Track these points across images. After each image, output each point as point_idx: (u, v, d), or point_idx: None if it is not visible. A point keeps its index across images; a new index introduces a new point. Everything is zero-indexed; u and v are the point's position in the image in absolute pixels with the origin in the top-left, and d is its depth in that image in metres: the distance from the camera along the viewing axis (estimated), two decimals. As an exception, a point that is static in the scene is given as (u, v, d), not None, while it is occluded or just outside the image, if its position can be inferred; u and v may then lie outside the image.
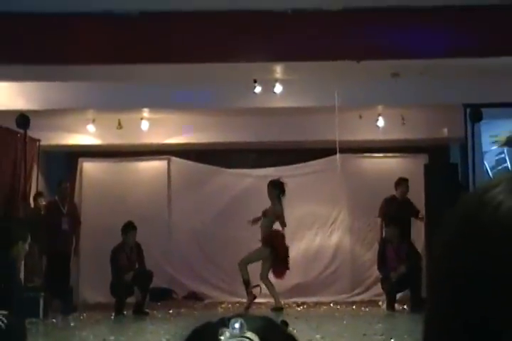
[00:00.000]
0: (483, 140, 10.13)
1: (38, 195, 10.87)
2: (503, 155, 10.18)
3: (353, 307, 10.31)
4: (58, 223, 10.32)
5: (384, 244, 10.22)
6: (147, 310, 9.91)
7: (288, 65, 8.86)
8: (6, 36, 8.11)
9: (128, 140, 11.36)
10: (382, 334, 7.52)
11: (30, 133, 10.00)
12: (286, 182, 9.99)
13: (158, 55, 8.22)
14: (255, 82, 9.54)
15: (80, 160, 11.77)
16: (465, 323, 0.68)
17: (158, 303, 10.58)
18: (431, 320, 0.73)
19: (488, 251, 0.67)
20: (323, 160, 11.30)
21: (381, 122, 11.04)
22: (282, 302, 9.94)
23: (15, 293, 5.21)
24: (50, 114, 10.53)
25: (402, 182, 10.49)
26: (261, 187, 10.15)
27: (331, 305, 10.53)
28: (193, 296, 11.17)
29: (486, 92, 9.61)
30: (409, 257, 9.94)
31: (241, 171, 11.65)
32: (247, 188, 11.21)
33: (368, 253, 11.11)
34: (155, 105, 10.44)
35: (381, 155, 11.68)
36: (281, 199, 9.90)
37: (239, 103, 10.15)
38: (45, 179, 11.77)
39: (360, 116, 10.92)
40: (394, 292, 9.98)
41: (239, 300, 10.47)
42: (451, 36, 8.15)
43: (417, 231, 10.48)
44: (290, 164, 11.43)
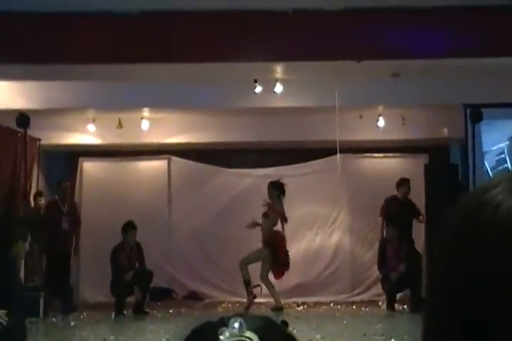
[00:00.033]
0: (484, 140, 10.13)
1: (37, 194, 10.87)
2: (503, 155, 10.18)
3: (353, 307, 10.31)
4: (58, 222, 10.33)
5: (384, 243, 10.22)
6: (147, 310, 9.92)
7: (288, 64, 8.85)
8: (6, 35, 8.10)
9: (128, 139, 11.35)
10: (382, 335, 7.52)
11: (31, 133, 10.00)
12: (287, 182, 10.00)
13: (159, 55, 8.22)
14: (256, 81, 9.54)
15: (80, 159, 11.77)
16: (464, 324, 0.68)
17: (158, 303, 10.58)
18: (430, 321, 0.73)
19: (486, 252, 0.67)
20: (324, 160, 11.29)
21: (381, 122, 11.03)
22: (282, 302, 9.94)
23: (15, 292, 5.20)
24: (51, 114, 10.53)
25: (403, 182, 10.48)
26: (261, 186, 10.15)
27: (331, 305, 10.53)
28: (193, 296, 11.17)
29: (486, 93, 9.60)
30: (409, 257, 9.94)
31: (241, 171, 11.64)
32: (247, 188, 11.20)
33: (368, 253, 11.11)
34: (155, 105, 10.43)
35: (381, 155, 11.67)
36: (281, 200, 9.90)
37: (239, 103, 10.15)
38: (45, 178, 11.77)
39: (360, 116, 10.91)
40: (394, 292, 9.98)
41: (239, 299, 10.47)
42: (452, 36, 8.15)
43: (417, 232, 10.47)
44: (290, 164, 11.43)
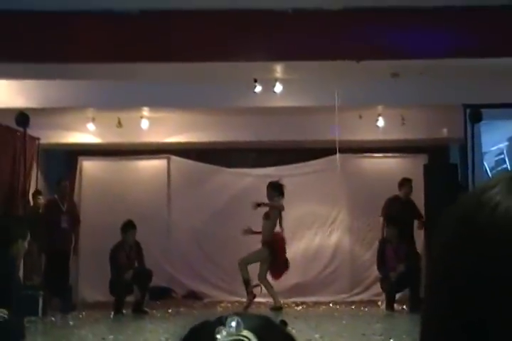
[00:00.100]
0: (483, 140, 10.13)
1: (36, 193, 10.86)
2: (502, 155, 10.18)
3: (352, 307, 10.31)
4: (58, 221, 10.32)
5: (383, 243, 10.22)
6: (146, 309, 9.91)
7: (288, 64, 8.85)
8: (6, 34, 8.10)
9: (128, 139, 11.35)
10: (381, 334, 7.52)
11: (30, 132, 10.00)
12: (286, 181, 10.00)
13: (159, 54, 8.22)
14: (255, 81, 9.54)
15: (80, 158, 11.77)
16: (462, 324, 0.68)
17: (158, 302, 10.58)
18: (428, 321, 0.73)
19: (485, 253, 0.67)
20: (323, 160, 11.29)
21: (381, 122, 11.04)
22: (281, 301, 9.93)
23: (14, 292, 5.20)
24: (50, 113, 10.52)
25: (405, 182, 10.46)
26: (261, 186, 10.14)
27: (330, 304, 10.53)
28: (193, 295, 11.17)
29: (486, 93, 9.60)
30: (408, 257, 9.94)
31: (241, 170, 11.64)
32: (247, 187, 11.19)
33: (368, 253, 11.11)
34: (155, 104, 10.43)
35: (381, 155, 11.67)
36: (280, 201, 9.89)
37: (239, 102, 10.15)
38: (44, 177, 11.76)
39: (360, 116, 10.91)
40: (393, 292, 9.98)
41: (238, 299, 10.47)
42: (452, 36, 8.15)
43: (416, 232, 10.47)
44: (290, 163, 11.43)
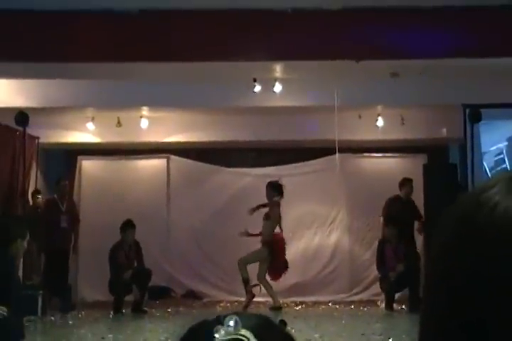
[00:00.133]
0: (482, 140, 10.14)
1: (35, 192, 10.86)
2: (502, 155, 10.19)
3: (352, 306, 10.31)
4: (57, 221, 10.32)
5: (383, 243, 10.22)
6: (146, 309, 9.91)
7: (288, 64, 8.85)
8: (6, 33, 8.10)
9: (127, 138, 11.35)
10: (381, 334, 7.52)
11: (29, 131, 10.00)
12: (286, 181, 9.99)
13: (158, 54, 8.22)
14: (255, 81, 9.54)
15: (79, 158, 11.77)
16: (461, 324, 0.68)
17: (157, 302, 10.58)
18: (427, 321, 0.73)
19: (484, 253, 0.67)
20: (323, 160, 11.29)
21: (380, 122, 11.04)
22: (281, 301, 9.93)
23: (13, 291, 5.21)
24: (50, 112, 10.52)
25: (406, 182, 10.45)
26: (260, 186, 10.14)
27: (330, 304, 10.53)
28: (192, 295, 11.17)
29: (485, 93, 9.61)
30: (408, 257, 9.93)
31: (240, 170, 11.64)
32: (246, 187, 11.20)
33: (367, 252, 11.11)
34: (154, 103, 10.43)
35: (380, 155, 11.68)
36: (279, 202, 9.89)
37: (238, 102, 10.15)
38: (43, 177, 11.76)
39: (359, 116, 10.92)
40: (392, 291, 9.98)
41: (237, 299, 10.47)
42: (451, 36, 8.15)
43: (416, 231, 10.46)
44: (289, 163, 11.42)
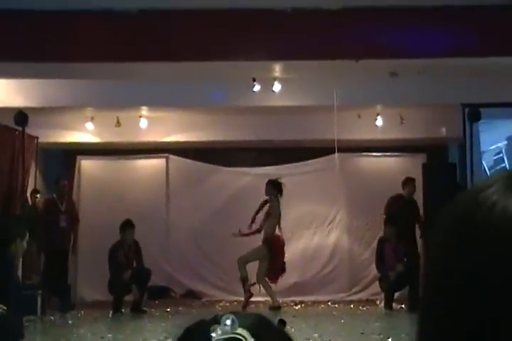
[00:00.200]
0: (482, 140, 10.14)
1: (34, 192, 10.86)
2: (501, 154, 10.20)
3: (351, 306, 10.31)
4: (56, 221, 10.32)
5: (382, 242, 10.21)
6: (145, 308, 9.91)
7: (287, 63, 8.85)
8: (5, 33, 8.10)
9: (126, 138, 11.35)
10: (380, 334, 7.53)
11: (29, 131, 10.00)
12: (285, 180, 9.99)
13: (158, 53, 8.22)
14: (254, 80, 9.54)
15: (78, 157, 11.76)
16: (460, 324, 0.68)
17: (156, 301, 10.58)
18: (425, 321, 0.73)
19: (482, 252, 0.67)
20: (322, 159, 11.30)
21: (380, 121, 11.04)
22: (280, 300, 9.93)
23: (13, 291, 5.21)
24: (49, 112, 10.52)
25: (409, 181, 10.45)
26: (259, 185, 10.14)
27: (329, 303, 10.53)
28: (191, 294, 11.17)
29: (484, 92, 9.61)
30: (408, 256, 9.93)
31: (240, 170, 11.64)
32: (246, 187, 11.19)
33: (366, 252, 11.11)
34: (154, 103, 10.43)
35: (379, 154, 11.67)
36: (278, 199, 9.90)
37: (238, 101, 10.15)
38: (43, 176, 11.76)
39: (358, 116, 10.92)
40: (392, 291, 9.97)
41: (237, 298, 10.46)
42: (450, 36, 8.15)
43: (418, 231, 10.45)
44: (289, 163, 11.42)
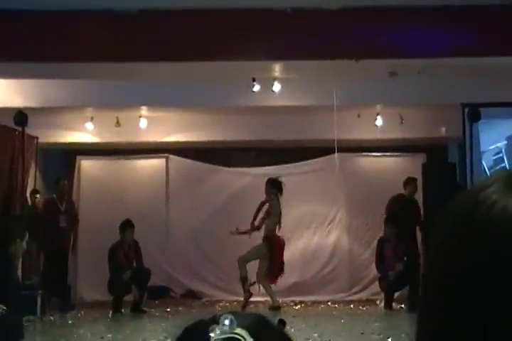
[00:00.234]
0: (481, 139, 10.14)
1: (33, 192, 10.86)
2: (500, 154, 10.20)
3: (351, 306, 10.31)
4: (56, 221, 10.32)
5: (382, 242, 10.21)
6: (145, 308, 9.91)
7: (287, 63, 8.85)
8: (5, 33, 8.10)
9: (126, 138, 11.35)
10: (380, 333, 7.52)
11: (28, 131, 9.99)
12: (285, 180, 9.99)
13: (158, 53, 8.22)
14: (254, 80, 9.54)
15: (78, 158, 11.76)
16: (460, 324, 0.68)
17: (156, 301, 10.58)
18: (424, 321, 0.73)
19: (482, 252, 0.67)
20: (322, 159, 11.29)
21: (379, 121, 11.04)
22: (280, 300, 9.92)
23: (12, 291, 5.21)
24: (49, 112, 10.52)
25: (411, 181, 10.43)
26: (259, 185, 10.14)
27: (329, 303, 10.53)
28: (191, 294, 11.17)
29: (484, 92, 9.60)
30: (408, 256, 9.92)
31: (239, 170, 11.64)
32: (246, 187, 11.19)
33: (366, 252, 11.11)
34: (153, 103, 10.43)
35: (379, 154, 11.67)
36: (278, 198, 9.90)
37: (238, 101, 10.15)
38: (42, 177, 11.76)
39: (358, 115, 10.92)
40: (392, 291, 9.97)
41: (237, 298, 10.45)
42: (450, 35, 8.15)
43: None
44: (289, 163, 11.42)
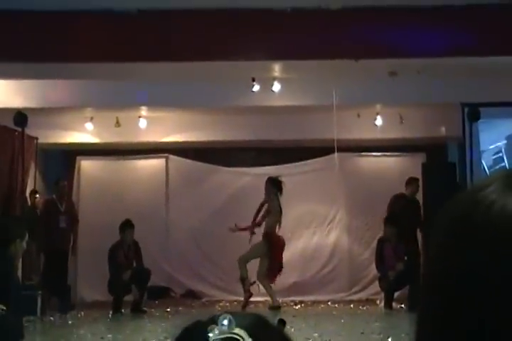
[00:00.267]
0: (481, 139, 10.14)
1: (33, 192, 10.86)
2: (500, 154, 10.20)
3: (351, 305, 10.31)
4: (56, 221, 10.32)
5: (382, 242, 10.21)
6: (145, 309, 9.91)
7: (286, 63, 8.85)
8: (5, 33, 8.10)
9: (126, 138, 11.35)
10: (380, 333, 7.52)
11: (28, 132, 9.99)
12: (285, 180, 9.98)
13: (158, 53, 8.22)
14: (253, 80, 9.53)
15: (78, 158, 11.77)
16: (460, 324, 0.68)
17: (156, 301, 10.58)
18: (423, 321, 0.73)
19: (481, 251, 0.67)
20: (322, 159, 11.30)
21: (379, 121, 11.04)
22: (280, 300, 9.92)
23: (12, 291, 5.20)
24: (48, 112, 10.52)
25: (412, 181, 10.43)
26: (259, 185, 10.14)
27: (329, 303, 10.52)
28: (191, 294, 11.17)
29: (484, 91, 9.60)
30: (409, 256, 9.92)
31: (239, 169, 11.64)
32: (246, 187, 11.19)
33: (366, 251, 11.11)
34: (153, 103, 10.43)
35: (379, 154, 11.67)
36: (278, 197, 9.89)
37: (237, 101, 10.15)
38: (42, 177, 11.76)
39: (358, 115, 10.92)
40: (392, 290, 9.97)
41: (237, 298, 10.46)
42: (450, 35, 8.15)
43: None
44: (289, 162, 11.42)
